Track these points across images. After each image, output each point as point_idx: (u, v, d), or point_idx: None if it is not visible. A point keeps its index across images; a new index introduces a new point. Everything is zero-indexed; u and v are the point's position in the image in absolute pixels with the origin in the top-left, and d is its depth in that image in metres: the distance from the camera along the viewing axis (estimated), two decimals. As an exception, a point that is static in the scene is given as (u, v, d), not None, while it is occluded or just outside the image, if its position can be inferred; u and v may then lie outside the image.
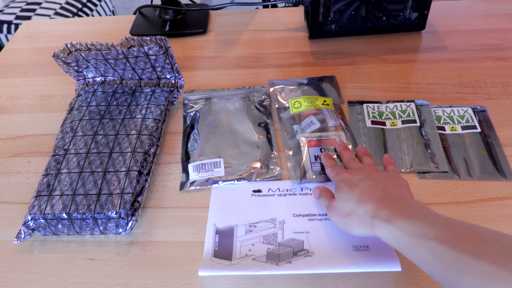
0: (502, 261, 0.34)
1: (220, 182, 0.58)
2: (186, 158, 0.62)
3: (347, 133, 0.62)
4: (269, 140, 0.63)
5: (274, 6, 1.46)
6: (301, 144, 0.61)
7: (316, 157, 0.60)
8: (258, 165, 0.60)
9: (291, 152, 0.62)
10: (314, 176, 0.58)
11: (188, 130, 0.66)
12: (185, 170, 0.61)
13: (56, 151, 0.60)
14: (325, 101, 0.66)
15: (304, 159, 0.60)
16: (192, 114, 0.69)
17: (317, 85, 0.71)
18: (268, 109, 0.69)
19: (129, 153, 0.58)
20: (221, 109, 0.69)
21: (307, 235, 0.52)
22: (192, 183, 0.59)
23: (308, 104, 0.66)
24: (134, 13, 0.95)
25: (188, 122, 0.67)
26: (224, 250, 0.51)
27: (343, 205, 0.48)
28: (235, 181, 0.58)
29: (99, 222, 0.52)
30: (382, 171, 0.52)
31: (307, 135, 0.62)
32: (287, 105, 0.68)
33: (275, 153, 0.62)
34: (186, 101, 0.71)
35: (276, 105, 0.69)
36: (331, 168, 0.54)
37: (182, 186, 0.59)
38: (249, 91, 0.71)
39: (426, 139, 0.61)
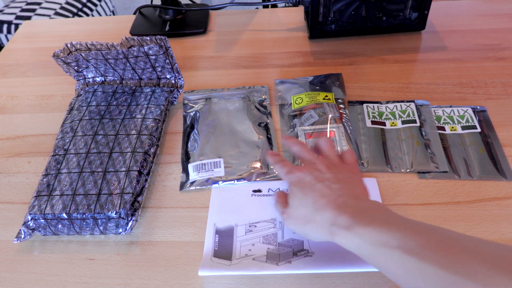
0: (469, 271, 0.33)
1: (220, 182, 0.58)
2: (186, 158, 0.62)
3: (346, 126, 0.63)
4: (269, 140, 0.63)
5: (274, 6, 1.46)
6: (299, 136, 0.62)
7: (313, 148, 0.60)
8: (258, 165, 0.60)
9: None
10: None
11: (188, 130, 0.66)
12: (185, 170, 0.61)
13: (56, 151, 0.60)
14: (326, 95, 0.67)
15: None
16: (192, 114, 0.69)
17: (322, 82, 0.71)
18: (268, 109, 0.69)
19: (129, 153, 0.58)
20: (221, 109, 0.69)
21: (307, 235, 0.52)
22: (192, 183, 0.59)
23: (310, 100, 0.67)
24: (134, 13, 0.95)
25: (188, 122, 0.67)
26: (224, 250, 0.51)
27: (299, 213, 0.45)
28: (235, 181, 0.58)
29: (99, 222, 0.52)
30: (338, 164, 0.49)
31: (305, 128, 0.63)
32: (290, 102, 0.68)
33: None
34: (186, 101, 0.71)
35: (279, 102, 0.69)
36: (280, 164, 0.50)
37: (182, 186, 0.59)
38: (249, 91, 0.71)
39: (426, 139, 0.61)
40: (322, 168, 0.47)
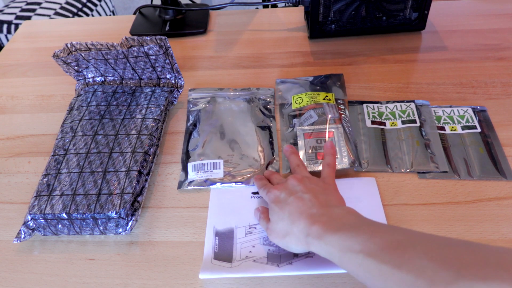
0: (418, 269, 0.34)
1: (218, 184, 0.58)
2: (187, 157, 0.62)
3: (345, 126, 0.63)
4: (271, 145, 0.63)
5: (274, 6, 1.46)
6: (298, 136, 0.62)
7: (311, 148, 0.60)
8: (258, 169, 0.60)
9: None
10: (307, 166, 0.59)
11: (191, 129, 0.66)
12: (185, 169, 0.61)
13: (56, 151, 0.60)
14: (326, 96, 0.67)
15: (299, 150, 0.61)
16: (196, 112, 0.68)
17: (323, 82, 0.71)
18: (273, 112, 0.68)
19: (129, 153, 0.58)
20: (225, 109, 0.68)
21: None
22: (190, 182, 0.59)
23: (310, 100, 0.66)
24: (134, 13, 0.95)
25: (191, 121, 0.67)
26: (224, 252, 0.51)
27: (278, 227, 0.48)
28: (234, 183, 0.58)
29: (99, 222, 0.52)
30: (310, 176, 0.52)
31: (304, 128, 0.63)
32: (290, 101, 0.68)
33: (276, 159, 0.61)
34: (190, 98, 0.71)
35: (279, 102, 0.69)
36: (262, 188, 0.54)
37: (181, 184, 0.59)
38: (254, 93, 0.71)
39: (426, 139, 0.61)
40: (294, 182, 0.51)
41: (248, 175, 0.59)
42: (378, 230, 0.40)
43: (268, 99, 0.70)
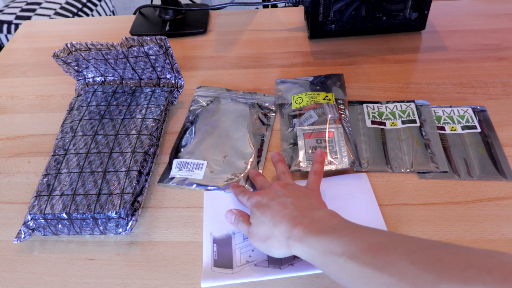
0: (400, 271, 0.34)
1: (194, 186, 0.58)
2: (176, 153, 0.62)
3: (345, 126, 0.62)
4: (259, 155, 0.62)
5: (274, 6, 1.46)
6: (298, 136, 0.62)
7: (311, 148, 0.60)
8: (240, 177, 0.59)
9: (288, 145, 0.62)
10: (306, 166, 0.59)
11: (188, 125, 0.66)
12: (170, 164, 0.61)
13: (56, 151, 0.60)
14: (326, 96, 0.67)
15: (299, 150, 0.61)
16: (197, 111, 0.68)
17: (323, 82, 0.71)
18: (271, 122, 0.67)
19: (129, 153, 0.58)
20: (225, 111, 0.68)
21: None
22: (171, 179, 0.59)
23: (310, 100, 0.66)
24: (134, 13, 0.95)
25: (191, 118, 0.67)
26: (224, 259, 0.50)
27: (260, 230, 0.47)
28: (209, 187, 0.58)
29: (99, 222, 0.52)
30: (292, 184, 0.52)
31: (304, 128, 0.63)
32: (290, 101, 0.68)
33: (260, 170, 0.60)
34: (196, 96, 0.71)
35: (279, 102, 0.69)
36: (242, 194, 0.53)
37: (162, 179, 0.59)
38: (259, 98, 0.70)
39: (426, 139, 0.61)
40: (277, 187, 0.50)
41: (227, 182, 0.58)
42: (360, 233, 0.40)
43: (271, 107, 0.69)
